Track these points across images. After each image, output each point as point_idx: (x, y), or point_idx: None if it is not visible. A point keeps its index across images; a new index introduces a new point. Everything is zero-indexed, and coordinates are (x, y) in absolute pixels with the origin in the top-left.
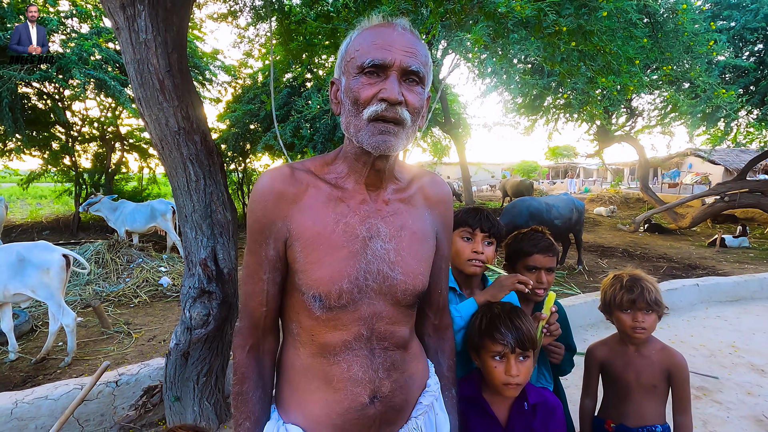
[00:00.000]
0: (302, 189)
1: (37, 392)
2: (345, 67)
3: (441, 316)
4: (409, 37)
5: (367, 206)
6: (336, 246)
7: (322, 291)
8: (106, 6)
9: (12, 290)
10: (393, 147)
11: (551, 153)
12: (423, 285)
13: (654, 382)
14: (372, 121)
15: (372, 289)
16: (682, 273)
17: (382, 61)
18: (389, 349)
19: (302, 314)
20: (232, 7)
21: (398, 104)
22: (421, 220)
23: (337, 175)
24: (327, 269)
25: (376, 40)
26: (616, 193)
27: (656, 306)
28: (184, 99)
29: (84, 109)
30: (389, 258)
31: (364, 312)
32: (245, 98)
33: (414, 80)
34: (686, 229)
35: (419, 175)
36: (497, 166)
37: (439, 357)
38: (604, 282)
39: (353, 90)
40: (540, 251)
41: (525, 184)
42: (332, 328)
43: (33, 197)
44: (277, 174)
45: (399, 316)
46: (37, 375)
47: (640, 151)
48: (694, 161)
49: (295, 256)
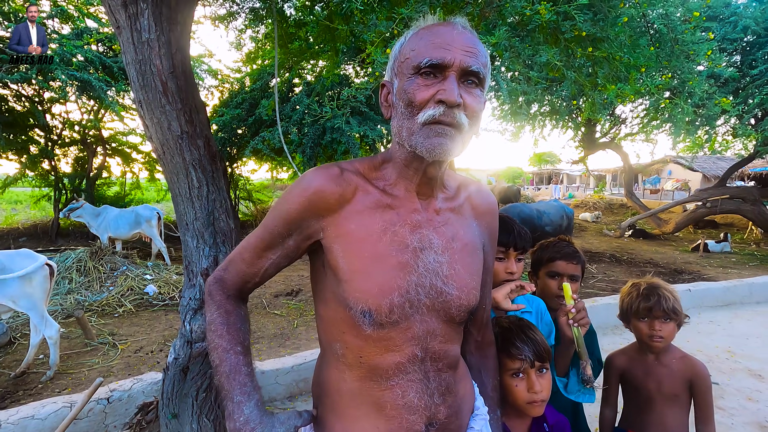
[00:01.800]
0: (350, 191)
1: (23, 411)
2: (398, 68)
3: (484, 332)
4: (469, 36)
5: (418, 215)
6: (383, 255)
7: (371, 305)
8: (107, 4)
9: None
10: (449, 151)
11: (536, 159)
12: (476, 300)
13: (675, 391)
14: (427, 125)
15: (425, 304)
16: (669, 278)
17: (441, 60)
18: (443, 371)
19: (348, 333)
20: (231, 7)
21: (456, 107)
22: (471, 231)
23: (386, 181)
24: (374, 281)
25: (434, 39)
26: (601, 199)
27: (674, 314)
28: (188, 102)
29: (65, 112)
30: (442, 271)
31: (418, 330)
32: (233, 103)
33: (473, 82)
34: (670, 235)
35: (466, 184)
36: (483, 172)
37: (483, 376)
38: (622, 290)
39: (408, 92)
40: (563, 257)
41: (512, 190)
42: (384, 348)
43: (8, 202)
44: (324, 173)
45: (452, 334)
46: (17, 390)
47: (624, 157)
48: (674, 168)
49: (338, 263)
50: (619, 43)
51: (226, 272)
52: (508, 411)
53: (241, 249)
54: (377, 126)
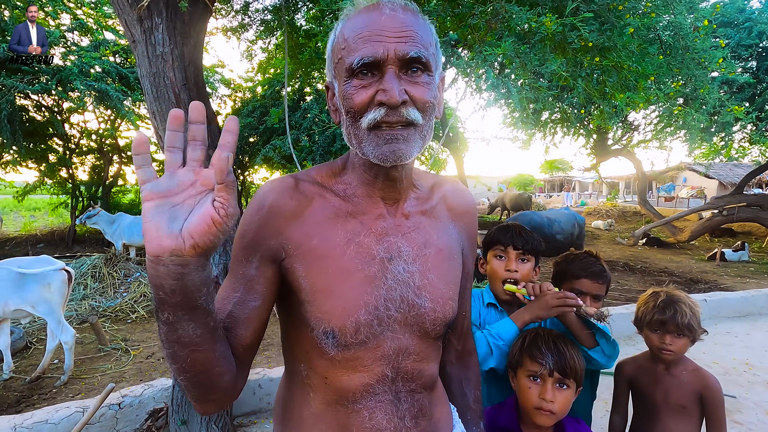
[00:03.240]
0: (306, 202)
1: (37, 416)
2: (335, 69)
3: (465, 340)
4: (401, 17)
5: (384, 222)
6: (347, 270)
7: (335, 325)
8: (122, 19)
9: (12, 306)
10: (405, 155)
11: (548, 166)
12: (453, 311)
13: (683, 403)
14: (374, 129)
15: (395, 320)
16: (684, 287)
17: (373, 56)
18: (416, 392)
19: (313, 354)
20: (243, 20)
21: (402, 105)
22: (446, 234)
23: (347, 186)
24: (338, 299)
25: (362, 31)
26: (614, 207)
27: (687, 330)
28: None
29: (83, 121)
30: (414, 282)
31: (388, 348)
32: (244, 111)
33: (418, 69)
34: (685, 243)
35: (440, 183)
36: (493, 179)
37: (464, 387)
38: (641, 296)
39: (346, 96)
40: (589, 276)
41: (523, 197)
42: (350, 369)
43: (27, 209)
44: (277, 185)
45: (428, 351)
46: (32, 395)
47: (637, 165)
48: (689, 175)
49: (299, 283)
50: (628, 52)
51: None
52: (527, 420)
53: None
54: None
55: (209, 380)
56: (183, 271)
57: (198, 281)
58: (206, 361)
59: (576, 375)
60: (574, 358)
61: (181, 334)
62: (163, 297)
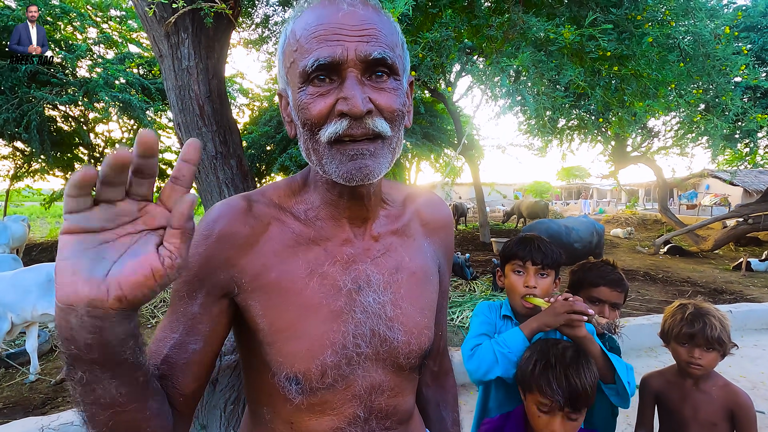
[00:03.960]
0: (261, 228)
1: (63, 417)
2: (288, 75)
3: (441, 361)
4: (362, 12)
5: (350, 248)
6: (311, 305)
7: (298, 370)
8: (151, 35)
9: (40, 310)
10: (373, 172)
11: (564, 173)
12: (429, 341)
13: (713, 420)
14: (335, 143)
15: (366, 356)
16: (708, 298)
17: (330, 58)
18: (391, 429)
19: (275, 398)
20: (263, 33)
21: (367, 115)
22: (420, 254)
23: (309, 206)
24: (302, 339)
25: (316, 29)
26: (633, 215)
27: (717, 344)
28: (222, 124)
29: (107, 131)
30: (385, 313)
31: (359, 387)
32: (262, 120)
33: (383, 72)
34: (708, 252)
35: (413, 196)
36: (509, 186)
37: (442, 410)
38: (667, 309)
39: (301, 107)
40: (607, 284)
41: (540, 205)
42: (318, 413)
43: (53, 216)
44: (225, 209)
45: (403, 384)
46: (57, 397)
47: (657, 172)
48: (712, 182)
49: (256, 323)
50: (647, 60)
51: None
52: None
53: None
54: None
55: None
56: (102, 324)
57: (122, 334)
58: (134, 423)
59: (587, 403)
60: (586, 389)
61: (101, 394)
62: (76, 353)
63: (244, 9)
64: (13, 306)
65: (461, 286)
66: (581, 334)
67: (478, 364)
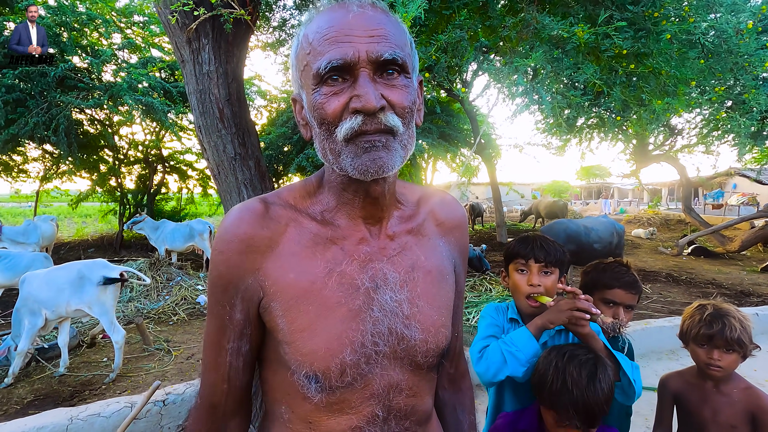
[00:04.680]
0: (280, 230)
1: (90, 409)
2: (302, 78)
3: (458, 363)
4: (371, 14)
5: (367, 246)
6: (330, 305)
7: (318, 368)
8: (173, 41)
9: (73, 306)
10: (388, 166)
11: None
12: (446, 339)
13: (733, 422)
14: (350, 140)
15: (384, 355)
16: (734, 300)
17: (342, 59)
18: (410, 430)
19: (294, 396)
20: (280, 36)
21: (380, 111)
22: (436, 253)
23: (324, 207)
24: (321, 338)
25: (327, 32)
26: (656, 215)
27: (738, 346)
28: (241, 126)
29: (131, 133)
30: (402, 311)
31: (377, 386)
32: (279, 121)
33: (394, 71)
34: (735, 253)
35: (427, 196)
36: (527, 186)
37: (459, 413)
38: (687, 309)
39: (316, 107)
40: (622, 286)
41: (558, 204)
42: (337, 412)
43: (79, 216)
44: (245, 213)
45: (421, 384)
46: (84, 390)
47: (680, 170)
48: (739, 181)
49: (276, 323)
50: (666, 58)
51: (199, 398)
52: (549, 428)
53: (203, 355)
54: (417, 141)
55: None
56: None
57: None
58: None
59: (604, 415)
60: (602, 407)
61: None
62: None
63: (262, 13)
64: (47, 303)
65: (477, 287)
66: (585, 332)
67: (487, 365)
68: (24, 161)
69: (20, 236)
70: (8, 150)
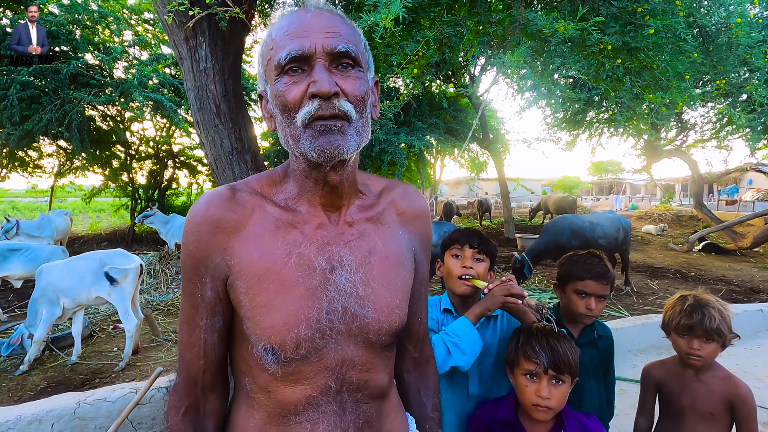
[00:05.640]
0: (245, 214)
1: (97, 394)
2: (266, 73)
3: (422, 347)
4: (328, 16)
5: (325, 231)
6: (288, 283)
7: (274, 341)
8: (171, 38)
9: (94, 294)
10: (342, 148)
11: (595, 168)
12: (401, 320)
13: (711, 410)
14: (308, 125)
15: (338, 331)
16: (743, 297)
17: (300, 51)
18: (363, 402)
19: (255, 368)
20: None
21: (334, 96)
22: (395, 240)
23: (288, 195)
24: (279, 313)
25: (288, 29)
26: (667, 211)
27: (717, 335)
28: (238, 121)
29: (141, 129)
30: (357, 292)
31: (331, 360)
32: None
33: (347, 64)
34: (747, 250)
35: (389, 187)
36: (537, 182)
37: (422, 396)
38: (668, 300)
39: (278, 95)
40: (593, 277)
41: (568, 200)
42: (292, 382)
43: (93, 210)
44: (214, 198)
45: (375, 361)
46: (95, 378)
47: (692, 166)
48: (754, 176)
49: (240, 299)
50: (657, 52)
51: (178, 375)
52: (525, 413)
53: (179, 333)
54: (425, 136)
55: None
56: None
57: None
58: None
59: (570, 369)
60: (567, 354)
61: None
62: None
63: (260, 10)
64: (68, 291)
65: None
66: (518, 308)
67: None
68: (39, 157)
69: (35, 230)
70: (24, 146)
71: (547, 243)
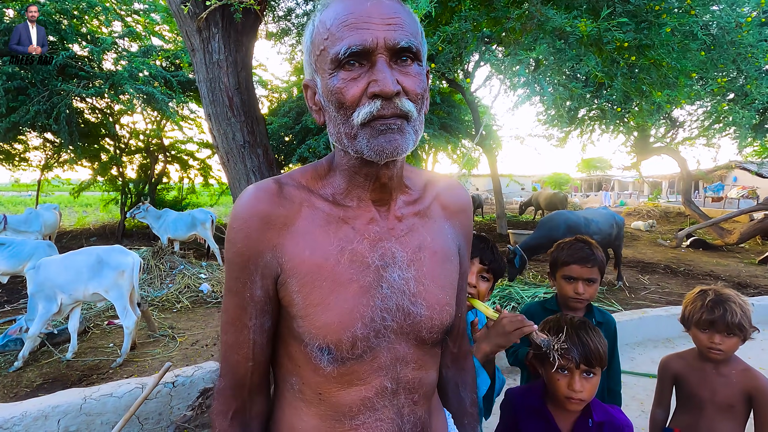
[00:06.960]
0: (294, 209)
1: (103, 389)
2: (316, 63)
3: (461, 343)
4: (388, 3)
5: (377, 226)
6: (342, 281)
7: (330, 340)
8: (183, 30)
9: (91, 290)
10: (402, 148)
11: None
12: (451, 317)
13: (730, 402)
14: (367, 124)
15: (392, 330)
16: None
17: (362, 45)
18: (419, 404)
19: (306, 368)
20: (286, 26)
21: (395, 95)
22: (442, 235)
23: (335, 190)
24: (334, 312)
25: (346, 18)
26: (655, 207)
27: (738, 330)
28: (250, 114)
29: (132, 122)
30: (409, 289)
31: (385, 359)
32: (281, 111)
33: (408, 58)
34: (733, 246)
35: (433, 181)
36: (527, 178)
37: (461, 391)
38: (688, 295)
39: (334, 91)
40: (577, 261)
41: (558, 196)
42: (347, 384)
43: (80, 205)
44: (261, 192)
45: (426, 359)
46: (92, 374)
47: (681, 163)
48: (739, 174)
49: (291, 298)
50: (667, 50)
51: (222, 379)
52: (554, 401)
53: (222, 336)
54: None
55: None
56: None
57: None
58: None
59: (601, 361)
60: (597, 346)
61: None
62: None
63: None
64: (65, 287)
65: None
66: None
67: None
68: (25, 150)
69: (22, 225)
70: (10, 138)
71: (542, 238)
